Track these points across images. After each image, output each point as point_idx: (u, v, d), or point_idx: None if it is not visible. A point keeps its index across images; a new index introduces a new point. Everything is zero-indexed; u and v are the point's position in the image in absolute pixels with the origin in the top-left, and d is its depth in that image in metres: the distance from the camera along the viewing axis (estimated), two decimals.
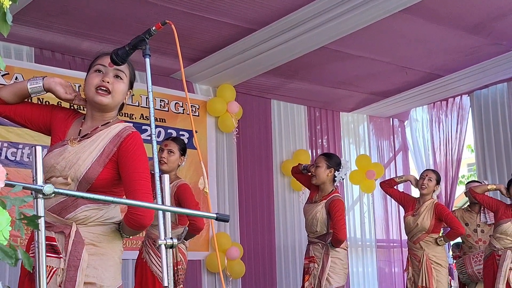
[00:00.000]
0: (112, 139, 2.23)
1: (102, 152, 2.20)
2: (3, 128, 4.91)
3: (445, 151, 7.52)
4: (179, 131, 6.00)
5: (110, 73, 2.24)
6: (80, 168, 2.16)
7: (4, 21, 1.26)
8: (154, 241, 3.95)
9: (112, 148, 2.21)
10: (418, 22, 5.15)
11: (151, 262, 3.94)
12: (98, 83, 2.23)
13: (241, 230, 6.41)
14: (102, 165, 2.18)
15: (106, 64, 2.23)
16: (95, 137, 2.23)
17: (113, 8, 4.67)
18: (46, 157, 2.21)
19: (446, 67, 6.40)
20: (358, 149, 7.74)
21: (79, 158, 2.18)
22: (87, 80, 2.28)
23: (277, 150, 6.92)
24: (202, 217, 3.74)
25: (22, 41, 5.11)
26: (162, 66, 5.70)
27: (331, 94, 7.01)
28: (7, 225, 1.07)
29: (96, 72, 2.26)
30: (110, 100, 2.24)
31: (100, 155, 2.19)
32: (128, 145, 2.21)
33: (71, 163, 2.18)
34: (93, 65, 2.30)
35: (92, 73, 2.27)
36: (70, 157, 2.19)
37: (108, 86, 2.22)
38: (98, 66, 2.27)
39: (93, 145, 2.21)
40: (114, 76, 2.25)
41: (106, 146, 2.21)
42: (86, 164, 2.17)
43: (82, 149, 2.21)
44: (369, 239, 7.60)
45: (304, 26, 5.04)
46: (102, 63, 2.27)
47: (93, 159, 2.18)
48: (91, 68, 2.30)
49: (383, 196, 7.59)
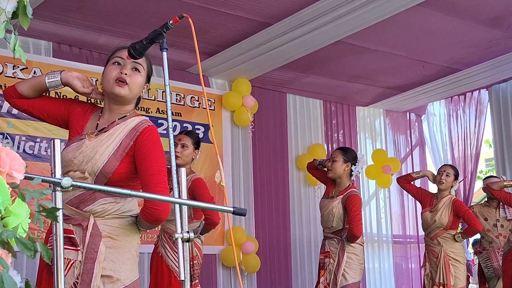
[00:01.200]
0: (129, 133, 2.24)
1: (119, 146, 2.21)
2: (21, 121, 4.96)
3: (463, 146, 7.45)
4: (194, 125, 6.02)
5: (128, 65, 2.26)
6: (97, 163, 2.18)
7: (25, 14, 1.27)
8: (170, 236, 3.96)
9: (129, 142, 2.22)
10: (435, 15, 5.10)
11: (167, 257, 3.95)
12: (116, 75, 2.25)
13: (256, 225, 6.42)
14: (119, 159, 2.20)
15: (124, 56, 2.25)
16: (112, 131, 2.25)
17: (129, 3, 4.69)
18: (64, 151, 2.23)
19: (464, 61, 6.33)
20: (374, 143, 7.70)
21: (96, 153, 2.20)
22: (105, 72, 2.29)
23: (293, 145, 6.91)
24: (219, 211, 3.75)
25: (40, 36, 5.15)
26: (178, 60, 5.71)
27: (347, 88, 6.97)
28: (26, 217, 1.08)
29: (114, 64, 2.28)
30: (127, 91, 2.25)
31: (117, 149, 2.21)
32: (144, 138, 2.22)
33: (89, 157, 2.19)
34: (111, 58, 2.32)
35: (110, 66, 2.29)
36: (88, 151, 2.20)
37: (125, 78, 2.24)
38: (116, 59, 2.29)
39: (110, 139, 2.22)
40: (132, 69, 2.27)
41: (123, 140, 2.22)
42: (103, 158, 2.19)
43: (99, 143, 2.22)
44: (386, 234, 7.57)
45: (320, 20, 5.01)
46: (120, 55, 2.29)
47: (110, 153, 2.20)
48: (109, 61, 2.32)
49: (399, 191, 7.54)
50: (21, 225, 1.06)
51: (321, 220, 4.77)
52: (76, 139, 2.26)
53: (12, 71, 4.96)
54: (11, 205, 1.07)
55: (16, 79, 4.94)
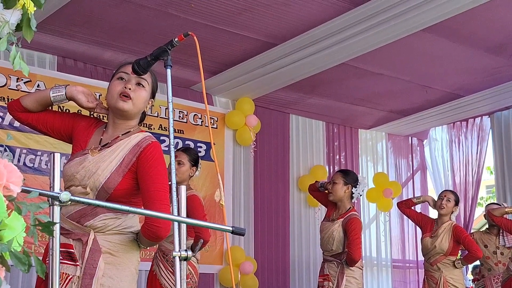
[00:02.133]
0: (132, 149, 2.23)
1: (122, 162, 2.21)
2: (22, 134, 4.96)
3: (465, 172, 7.44)
4: (197, 143, 6.02)
5: (133, 80, 2.27)
6: (99, 178, 2.17)
7: (29, 26, 1.27)
8: (164, 254, 3.94)
9: (132, 158, 2.21)
10: (440, 41, 5.12)
11: (160, 275, 3.92)
12: (120, 90, 2.25)
13: (255, 245, 6.37)
14: (121, 175, 2.19)
15: (129, 72, 2.26)
16: (115, 147, 2.24)
17: (136, 19, 4.72)
18: (66, 166, 2.23)
19: (466, 87, 6.35)
20: (375, 166, 7.68)
21: (98, 168, 2.19)
22: (109, 87, 2.30)
23: (294, 165, 6.90)
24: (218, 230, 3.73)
25: (45, 49, 5.17)
26: (182, 77, 5.73)
27: (350, 111, 6.98)
28: (21, 231, 1.07)
29: (119, 79, 2.29)
30: (131, 106, 2.25)
31: (120, 165, 2.20)
32: (147, 155, 2.21)
33: (91, 172, 2.19)
34: (116, 73, 2.33)
35: (115, 81, 2.30)
36: (90, 166, 2.20)
37: (129, 93, 2.24)
38: (121, 74, 2.30)
39: (113, 155, 2.22)
40: (136, 84, 2.28)
41: (125, 156, 2.22)
42: (105, 173, 2.18)
43: (102, 158, 2.22)
44: (385, 258, 7.51)
45: (324, 42, 5.04)
46: (125, 71, 2.30)
47: (112, 169, 2.19)
48: (114, 76, 2.33)
49: (400, 215, 7.50)
50: (16, 238, 1.05)
51: (321, 243, 4.74)
52: (79, 154, 2.26)
53: (15, 84, 4.97)
54: (6, 218, 1.05)
55: (19, 92, 4.95)
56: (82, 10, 4.53)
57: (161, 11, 4.56)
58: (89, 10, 4.55)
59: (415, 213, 5.58)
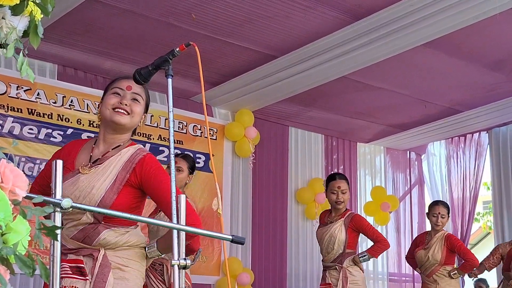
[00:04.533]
0: (124, 165, 2.24)
1: (115, 180, 2.21)
2: (22, 142, 4.95)
3: (462, 187, 7.45)
4: (196, 154, 6.02)
5: (128, 96, 2.29)
6: (95, 197, 2.18)
7: (35, 33, 1.28)
8: (153, 264, 3.92)
9: (125, 175, 2.23)
10: (439, 56, 5.15)
11: (151, 286, 3.90)
12: (115, 104, 2.27)
13: (252, 256, 6.36)
14: (116, 192, 2.20)
15: (124, 87, 2.29)
16: (107, 163, 2.24)
17: (136, 29, 4.74)
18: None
19: (465, 102, 6.37)
20: (373, 180, 7.69)
21: (93, 187, 2.19)
22: (104, 100, 2.31)
23: (293, 178, 6.90)
24: (218, 239, 3.73)
25: (45, 58, 5.18)
26: (182, 88, 5.74)
27: (349, 124, 7.00)
28: (26, 234, 1.07)
29: (114, 94, 2.30)
30: (129, 120, 2.27)
31: (114, 183, 2.21)
32: (147, 169, 2.23)
33: (86, 192, 2.19)
34: (111, 87, 2.34)
35: (109, 95, 2.31)
36: (84, 186, 2.20)
37: (126, 108, 2.27)
38: (116, 90, 2.31)
39: (106, 173, 2.22)
40: (131, 99, 2.30)
41: (119, 173, 2.22)
42: (100, 192, 2.18)
43: (95, 177, 2.22)
44: (382, 271, 7.50)
45: (325, 56, 5.06)
46: (120, 86, 2.31)
47: (106, 187, 2.20)
48: (109, 90, 2.33)
49: (396, 228, 7.52)
50: (21, 242, 1.05)
51: (321, 249, 4.78)
52: (70, 175, 2.23)
53: (16, 92, 4.97)
54: (12, 222, 1.06)
55: (19, 100, 4.96)
56: (83, 19, 4.55)
57: (163, 22, 4.59)
58: (90, 19, 4.57)
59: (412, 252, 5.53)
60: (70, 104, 5.22)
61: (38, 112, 5.06)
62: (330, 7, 4.43)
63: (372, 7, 4.45)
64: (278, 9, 4.42)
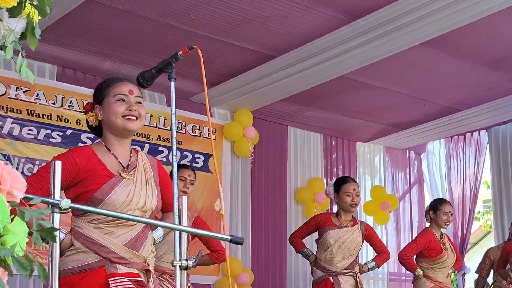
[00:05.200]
0: (153, 168, 2.39)
1: (155, 181, 2.37)
2: (21, 143, 4.95)
3: (462, 186, 7.46)
4: (194, 154, 6.02)
5: (132, 100, 2.33)
6: (153, 200, 2.30)
7: (33, 35, 1.29)
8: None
9: (156, 177, 2.38)
10: (438, 55, 5.16)
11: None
12: (124, 112, 2.30)
13: (252, 256, 6.36)
14: (158, 193, 2.37)
15: (127, 93, 2.32)
16: (141, 167, 2.35)
17: (135, 30, 4.74)
18: (112, 195, 2.22)
19: (464, 101, 6.38)
20: (373, 179, 7.70)
21: (148, 192, 2.30)
22: (111, 109, 2.31)
23: (292, 177, 6.90)
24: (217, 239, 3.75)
25: (45, 59, 5.19)
26: (181, 88, 5.73)
27: (348, 124, 7.00)
28: (24, 236, 1.07)
29: (120, 101, 2.32)
30: (139, 125, 2.34)
31: (157, 185, 2.36)
32: (163, 170, 2.44)
33: (144, 195, 2.29)
34: (111, 93, 2.32)
35: (115, 103, 2.32)
36: (138, 190, 2.28)
37: (135, 114, 2.31)
38: (120, 96, 2.32)
39: (146, 175, 2.34)
40: (136, 103, 2.34)
41: (154, 175, 2.37)
42: (155, 194, 2.32)
43: (142, 181, 2.31)
44: (381, 271, 7.50)
45: (323, 55, 5.06)
46: (122, 92, 2.33)
47: (157, 190, 2.35)
48: (109, 96, 2.32)
49: (396, 228, 7.52)
50: (18, 243, 1.05)
51: (330, 253, 4.71)
52: (114, 181, 2.25)
53: (15, 93, 4.97)
54: (10, 224, 1.06)
55: (18, 101, 4.96)
56: (82, 20, 4.55)
57: (161, 22, 4.59)
58: (89, 20, 4.57)
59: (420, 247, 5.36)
60: (69, 105, 5.23)
61: (38, 113, 5.06)
62: (329, 7, 4.43)
63: (370, 6, 4.46)
64: (276, 9, 4.43)
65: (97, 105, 2.36)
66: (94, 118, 2.35)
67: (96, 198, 2.19)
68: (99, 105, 2.35)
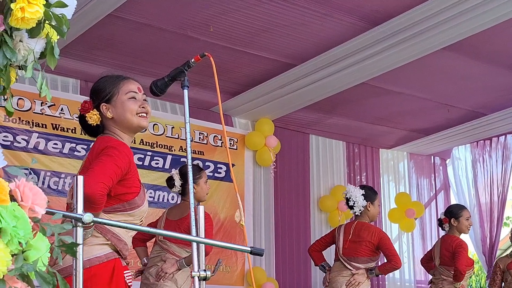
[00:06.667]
0: None
1: None
2: (47, 157, 5.03)
3: (489, 191, 7.34)
4: (217, 164, 6.04)
5: (141, 97, 2.37)
6: None
7: (52, 54, 1.31)
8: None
9: None
10: (460, 59, 5.11)
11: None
12: (138, 110, 2.33)
13: (276, 266, 6.34)
14: None
15: (137, 90, 2.35)
16: None
17: (156, 42, 4.79)
18: (145, 203, 2.28)
19: (489, 105, 6.29)
20: (397, 186, 7.62)
21: None
22: (125, 106, 2.32)
23: (315, 186, 6.88)
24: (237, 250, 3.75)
25: (68, 74, 5.27)
26: (202, 99, 5.78)
27: (371, 130, 6.96)
28: (46, 251, 1.09)
29: (132, 99, 2.34)
30: (148, 121, 2.38)
31: None
32: None
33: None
34: (121, 90, 2.34)
35: (128, 100, 2.33)
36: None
37: (146, 111, 2.35)
38: (132, 94, 2.35)
39: None
40: (144, 100, 2.38)
41: None
42: None
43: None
44: (409, 279, 7.41)
45: (344, 62, 5.05)
46: (133, 90, 2.36)
47: None
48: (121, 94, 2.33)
49: (422, 235, 7.44)
50: (41, 259, 1.07)
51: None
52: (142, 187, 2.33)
53: (40, 108, 5.06)
54: (32, 239, 1.08)
55: (44, 115, 5.04)
56: (103, 34, 4.62)
57: (181, 34, 4.63)
58: (110, 34, 4.63)
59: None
60: None
61: (62, 127, 5.14)
62: (347, 14, 4.43)
63: (389, 13, 4.44)
64: (294, 17, 4.43)
65: (103, 104, 2.33)
66: (97, 116, 2.32)
67: (136, 202, 2.23)
68: (107, 103, 2.33)
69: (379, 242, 4.66)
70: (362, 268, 4.70)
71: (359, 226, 4.77)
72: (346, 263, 4.74)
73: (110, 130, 2.34)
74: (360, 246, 4.70)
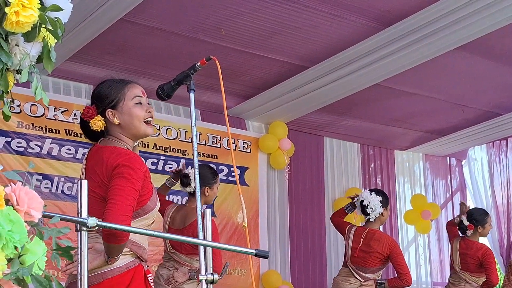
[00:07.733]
0: None
1: None
2: (60, 163, 5.06)
3: (506, 192, 7.24)
4: (230, 167, 6.03)
5: (146, 102, 2.35)
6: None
7: (49, 58, 1.31)
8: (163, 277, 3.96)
9: None
10: (474, 59, 5.05)
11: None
12: (146, 116, 2.31)
13: (292, 269, 6.31)
14: None
15: (141, 94, 2.32)
16: None
17: (168, 46, 4.80)
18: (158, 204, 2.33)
19: (504, 105, 6.21)
20: (413, 188, 7.56)
21: None
22: (132, 113, 2.30)
23: (330, 188, 6.84)
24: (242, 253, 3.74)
25: (81, 79, 5.30)
26: (215, 103, 5.78)
27: (385, 132, 6.90)
28: (42, 255, 1.08)
29: (138, 104, 2.32)
30: (153, 129, 2.38)
31: None
32: None
33: None
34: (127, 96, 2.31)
35: (135, 106, 2.31)
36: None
37: (152, 115, 2.34)
38: (138, 99, 2.33)
39: None
40: (148, 104, 2.37)
41: None
42: None
43: None
44: (425, 281, 7.34)
45: (357, 64, 5.02)
46: (138, 94, 2.34)
47: None
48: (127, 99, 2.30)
49: (438, 237, 7.35)
50: (37, 263, 1.06)
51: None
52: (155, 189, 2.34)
53: (53, 113, 5.09)
54: (28, 243, 1.07)
55: (57, 121, 5.07)
56: (115, 39, 4.63)
57: (192, 38, 4.63)
58: (122, 39, 4.65)
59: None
60: None
61: (75, 132, 5.16)
62: (359, 15, 4.39)
63: (401, 13, 4.40)
64: (305, 19, 4.41)
65: (109, 110, 2.29)
66: (101, 123, 2.27)
67: (149, 206, 2.23)
68: (113, 109, 2.29)
69: (390, 254, 4.64)
70: (371, 279, 4.68)
71: (370, 234, 4.72)
72: (354, 272, 4.71)
73: (115, 136, 2.31)
74: (369, 257, 4.67)
